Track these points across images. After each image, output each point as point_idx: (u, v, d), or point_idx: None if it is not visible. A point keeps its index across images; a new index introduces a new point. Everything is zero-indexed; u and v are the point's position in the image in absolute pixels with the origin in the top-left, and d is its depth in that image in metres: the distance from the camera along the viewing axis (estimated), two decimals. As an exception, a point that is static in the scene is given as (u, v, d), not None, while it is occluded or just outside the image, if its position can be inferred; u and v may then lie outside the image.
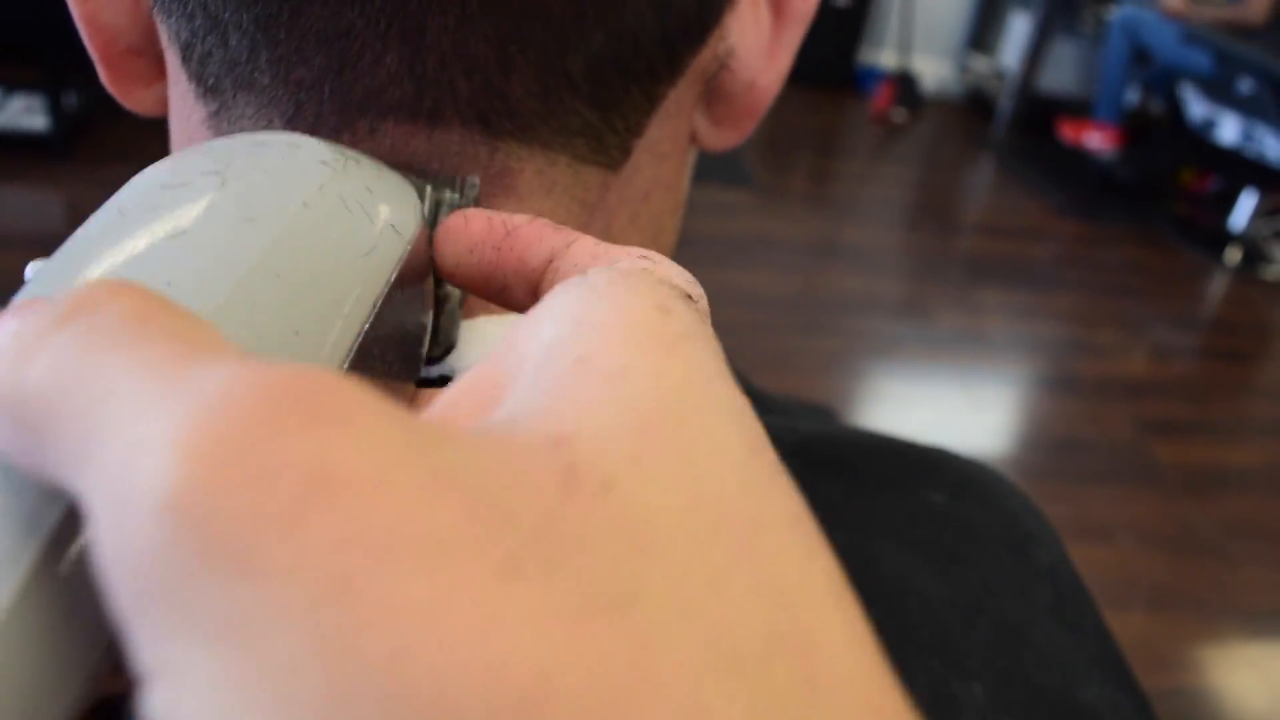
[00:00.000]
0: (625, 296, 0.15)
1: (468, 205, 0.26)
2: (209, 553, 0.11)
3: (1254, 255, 3.45)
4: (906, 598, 0.29)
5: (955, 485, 0.33)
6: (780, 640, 0.12)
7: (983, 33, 4.60)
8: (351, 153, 0.23)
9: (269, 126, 0.27)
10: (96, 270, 0.17)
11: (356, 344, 0.19)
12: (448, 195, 0.26)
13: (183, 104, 0.29)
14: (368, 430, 0.12)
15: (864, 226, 3.37)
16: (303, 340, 0.18)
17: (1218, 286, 3.36)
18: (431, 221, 0.26)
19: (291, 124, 0.27)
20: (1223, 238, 3.50)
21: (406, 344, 0.23)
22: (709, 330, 0.16)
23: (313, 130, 0.27)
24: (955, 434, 2.38)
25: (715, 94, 0.32)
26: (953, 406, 2.48)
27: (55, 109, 2.97)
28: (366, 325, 0.20)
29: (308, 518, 0.11)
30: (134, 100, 0.32)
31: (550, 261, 0.21)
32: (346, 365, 0.19)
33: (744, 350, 2.40)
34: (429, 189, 0.26)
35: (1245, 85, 3.32)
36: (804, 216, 3.20)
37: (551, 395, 0.14)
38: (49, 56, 2.91)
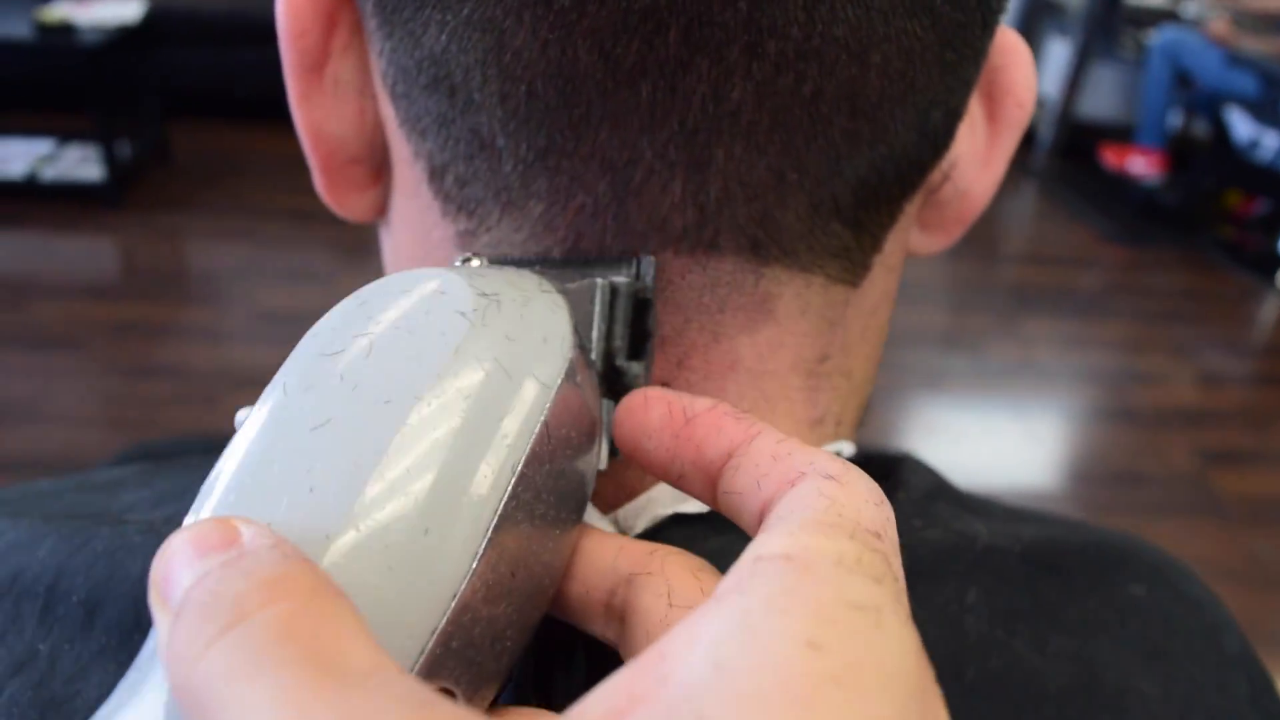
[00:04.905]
0: (778, 630, 0.14)
1: (645, 287, 0.26)
2: None
3: (1306, 278, 3.41)
4: (1128, 700, 0.28)
5: (1150, 576, 0.32)
6: None
7: (1020, 60, 4.59)
8: (498, 284, 0.22)
9: (543, 253, 0.27)
10: (258, 469, 0.18)
11: (493, 524, 0.19)
12: (623, 282, 0.25)
13: (422, 219, 0.29)
14: None
15: (907, 258, 3.35)
16: (433, 537, 0.18)
17: (1270, 311, 3.31)
18: (609, 309, 0.25)
19: (570, 254, 0.27)
20: (1272, 261, 3.45)
21: (568, 486, 0.22)
22: (893, 614, 0.16)
23: (595, 260, 0.26)
24: (1014, 468, 2.35)
25: (931, 202, 0.32)
26: (1009, 439, 2.45)
27: (108, 159, 3.03)
28: (504, 498, 0.19)
29: None
30: (348, 206, 0.32)
31: (730, 455, 0.21)
32: (482, 549, 0.18)
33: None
34: (598, 283, 0.25)
35: (1292, 107, 3.29)
36: (847, 249, 3.19)
37: None
38: (102, 107, 2.97)
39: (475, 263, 0.24)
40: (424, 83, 0.26)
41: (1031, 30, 4.51)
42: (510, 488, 0.19)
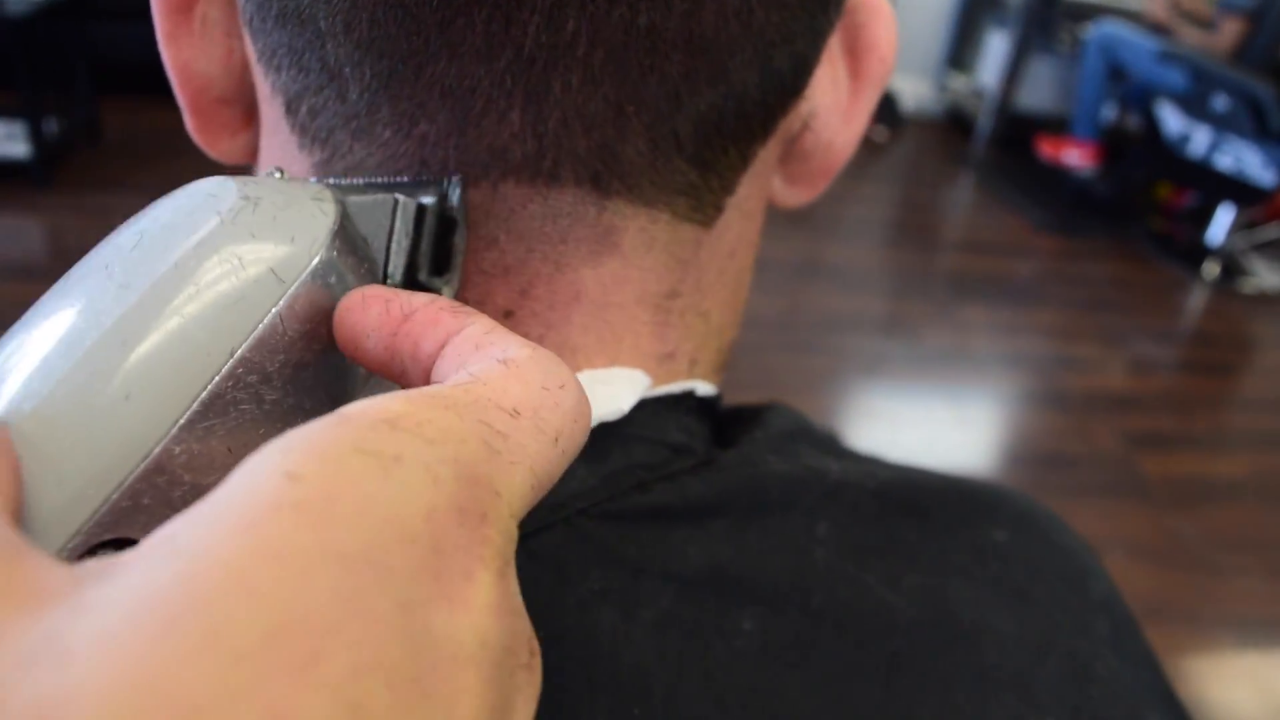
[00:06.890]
0: (263, 464, 0.15)
1: (452, 207, 0.26)
2: None
3: (1232, 269, 3.49)
4: (983, 637, 0.29)
5: (1015, 522, 0.33)
6: None
7: (961, 51, 4.65)
8: (267, 190, 0.23)
9: (396, 176, 0.27)
10: (8, 339, 0.22)
11: (200, 397, 0.20)
12: (429, 202, 0.26)
13: (283, 153, 0.29)
14: None
15: (847, 245, 3.39)
16: (133, 403, 0.20)
17: (1197, 300, 3.39)
18: (413, 226, 0.26)
19: (416, 179, 0.27)
20: (1200, 252, 3.54)
21: (315, 381, 0.23)
22: (417, 468, 0.15)
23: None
24: (945, 451, 2.39)
25: (793, 153, 0.33)
26: (942, 423, 2.49)
27: (36, 136, 2.94)
28: (219, 376, 0.20)
29: None
30: (220, 149, 0.32)
31: (443, 347, 0.21)
32: (184, 419, 0.20)
33: (734, 370, 2.40)
34: (398, 199, 0.25)
35: (1219, 102, 3.37)
36: (788, 236, 3.22)
37: (134, 553, 0.14)
38: (29, 82, 2.89)
39: (278, 175, 0.25)
40: (275, 14, 0.26)
41: (972, 23, 4.58)
42: (228, 368, 0.21)
